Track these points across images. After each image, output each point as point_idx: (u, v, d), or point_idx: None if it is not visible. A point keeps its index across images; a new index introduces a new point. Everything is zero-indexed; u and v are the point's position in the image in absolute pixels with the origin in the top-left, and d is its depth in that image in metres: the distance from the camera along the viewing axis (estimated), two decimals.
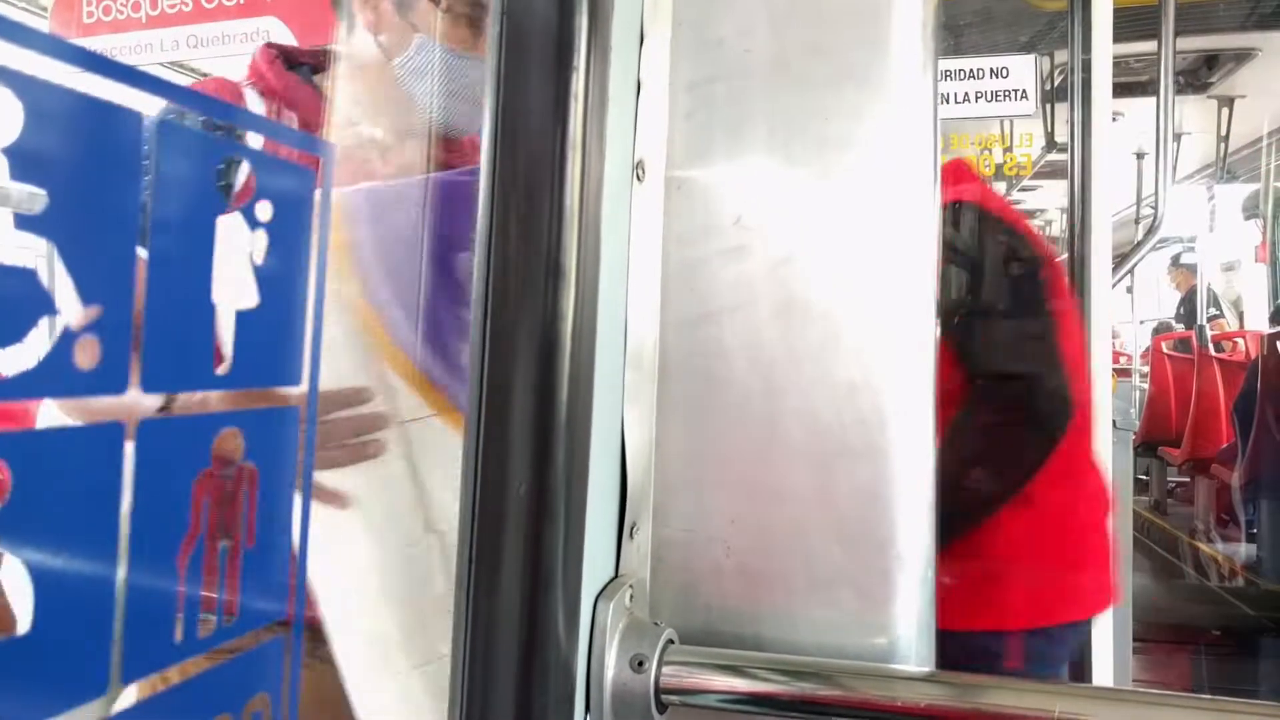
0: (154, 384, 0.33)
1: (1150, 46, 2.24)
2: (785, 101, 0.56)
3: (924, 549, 0.54)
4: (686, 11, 0.58)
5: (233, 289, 0.35)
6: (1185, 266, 7.30)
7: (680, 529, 0.56)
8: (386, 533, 0.73)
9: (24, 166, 0.28)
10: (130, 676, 0.32)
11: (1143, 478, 5.56)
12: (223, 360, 0.35)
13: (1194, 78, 5.33)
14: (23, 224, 0.28)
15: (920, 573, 0.54)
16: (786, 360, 0.55)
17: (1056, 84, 4.50)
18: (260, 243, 0.37)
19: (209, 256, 0.35)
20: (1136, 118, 4.98)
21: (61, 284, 0.29)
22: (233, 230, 0.35)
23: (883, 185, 0.55)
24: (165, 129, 0.32)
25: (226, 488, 0.36)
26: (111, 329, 0.30)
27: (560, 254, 0.46)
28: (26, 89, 0.27)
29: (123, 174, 0.31)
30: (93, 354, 0.29)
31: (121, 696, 0.32)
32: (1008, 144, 4.87)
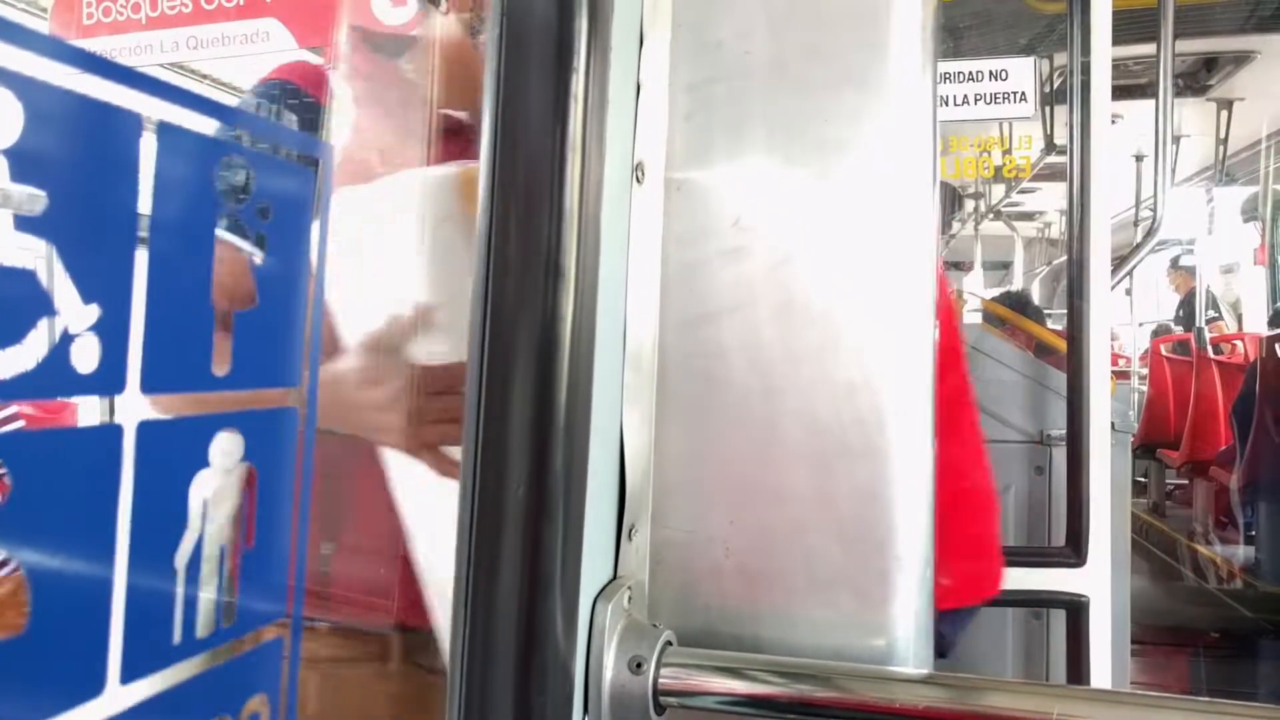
0: (154, 384, 0.33)
1: (1149, 49, 2.24)
2: (784, 103, 0.56)
3: (923, 550, 0.54)
4: (686, 13, 0.58)
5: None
6: (1184, 269, 7.31)
7: (679, 530, 0.56)
8: None
9: (24, 168, 0.28)
10: (128, 677, 0.32)
11: (1141, 480, 5.57)
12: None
13: (1193, 80, 5.34)
14: (22, 225, 0.28)
15: (919, 574, 0.54)
16: (785, 361, 0.55)
17: (1056, 86, 4.52)
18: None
19: (209, 256, 0.35)
20: (1136, 120, 5.00)
21: (61, 285, 0.29)
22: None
23: (882, 187, 0.55)
24: (163, 130, 0.32)
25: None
26: (111, 329, 0.30)
27: (560, 255, 0.46)
28: (26, 91, 0.28)
29: (122, 175, 0.31)
30: (92, 354, 0.29)
31: (121, 696, 0.32)
32: (1007, 146, 4.89)
